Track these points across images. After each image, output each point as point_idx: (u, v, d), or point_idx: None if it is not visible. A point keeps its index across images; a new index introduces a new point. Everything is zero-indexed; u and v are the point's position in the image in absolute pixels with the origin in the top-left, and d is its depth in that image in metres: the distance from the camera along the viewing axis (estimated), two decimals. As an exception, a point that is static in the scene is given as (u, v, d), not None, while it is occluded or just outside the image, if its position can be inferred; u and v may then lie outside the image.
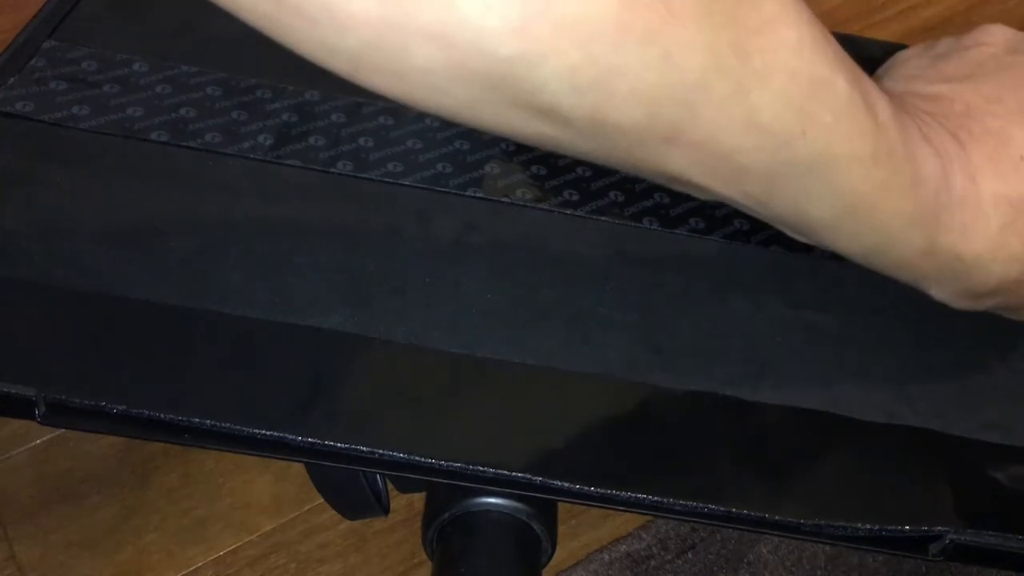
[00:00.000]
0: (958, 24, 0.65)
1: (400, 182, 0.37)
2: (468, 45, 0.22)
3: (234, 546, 0.41)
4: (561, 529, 0.44)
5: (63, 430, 0.42)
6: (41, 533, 0.41)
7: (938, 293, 0.33)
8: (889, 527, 0.30)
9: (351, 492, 0.34)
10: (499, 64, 0.23)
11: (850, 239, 0.31)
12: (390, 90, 0.24)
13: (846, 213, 0.29)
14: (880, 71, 0.38)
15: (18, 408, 0.28)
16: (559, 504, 0.34)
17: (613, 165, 0.28)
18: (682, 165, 0.27)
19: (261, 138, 0.37)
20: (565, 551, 0.43)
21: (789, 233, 0.32)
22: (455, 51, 0.22)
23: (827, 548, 0.41)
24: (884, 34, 0.35)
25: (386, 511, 0.35)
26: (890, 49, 0.41)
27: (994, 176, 0.31)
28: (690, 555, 0.42)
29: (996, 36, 0.35)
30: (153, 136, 0.36)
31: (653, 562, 0.42)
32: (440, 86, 0.23)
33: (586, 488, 0.29)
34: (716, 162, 0.27)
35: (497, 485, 0.30)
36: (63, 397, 0.28)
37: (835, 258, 0.38)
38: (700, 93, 0.24)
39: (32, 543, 0.40)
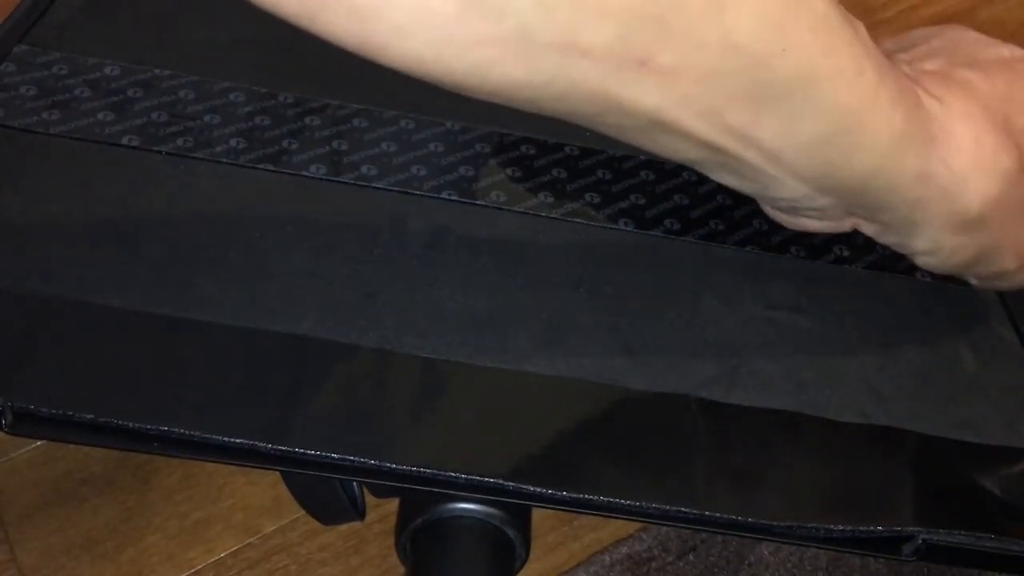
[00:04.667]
0: (960, 24, 0.63)
1: (374, 185, 0.36)
2: None
3: (235, 548, 0.42)
4: (562, 530, 0.43)
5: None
6: (42, 535, 0.41)
7: (930, 232, 0.32)
8: (862, 528, 0.29)
9: (325, 498, 0.34)
10: None
11: (844, 163, 0.30)
12: (349, 39, 0.24)
13: (837, 130, 0.29)
14: None
15: None
16: (557, 507, 0.34)
17: (584, 118, 0.27)
18: (657, 99, 0.26)
19: (233, 142, 0.37)
20: (566, 552, 0.43)
21: (789, 182, 0.31)
22: None
23: (829, 550, 0.41)
24: (884, 34, 0.34)
25: (362, 516, 0.35)
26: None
27: (954, 97, 0.31)
28: (691, 557, 0.42)
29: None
30: (124, 141, 0.36)
31: (654, 564, 0.42)
32: (404, 29, 0.24)
33: (559, 493, 0.29)
34: (694, 90, 0.26)
35: (470, 491, 0.29)
36: (31, 406, 0.28)
37: (809, 258, 0.37)
38: (673, 10, 0.24)
39: (33, 545, 0.41)
